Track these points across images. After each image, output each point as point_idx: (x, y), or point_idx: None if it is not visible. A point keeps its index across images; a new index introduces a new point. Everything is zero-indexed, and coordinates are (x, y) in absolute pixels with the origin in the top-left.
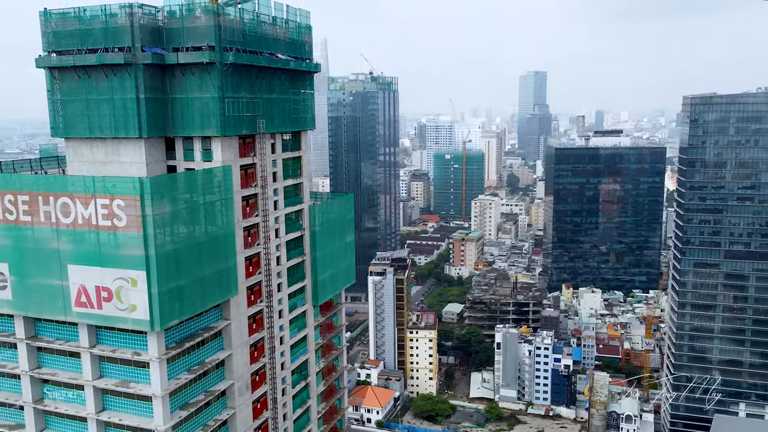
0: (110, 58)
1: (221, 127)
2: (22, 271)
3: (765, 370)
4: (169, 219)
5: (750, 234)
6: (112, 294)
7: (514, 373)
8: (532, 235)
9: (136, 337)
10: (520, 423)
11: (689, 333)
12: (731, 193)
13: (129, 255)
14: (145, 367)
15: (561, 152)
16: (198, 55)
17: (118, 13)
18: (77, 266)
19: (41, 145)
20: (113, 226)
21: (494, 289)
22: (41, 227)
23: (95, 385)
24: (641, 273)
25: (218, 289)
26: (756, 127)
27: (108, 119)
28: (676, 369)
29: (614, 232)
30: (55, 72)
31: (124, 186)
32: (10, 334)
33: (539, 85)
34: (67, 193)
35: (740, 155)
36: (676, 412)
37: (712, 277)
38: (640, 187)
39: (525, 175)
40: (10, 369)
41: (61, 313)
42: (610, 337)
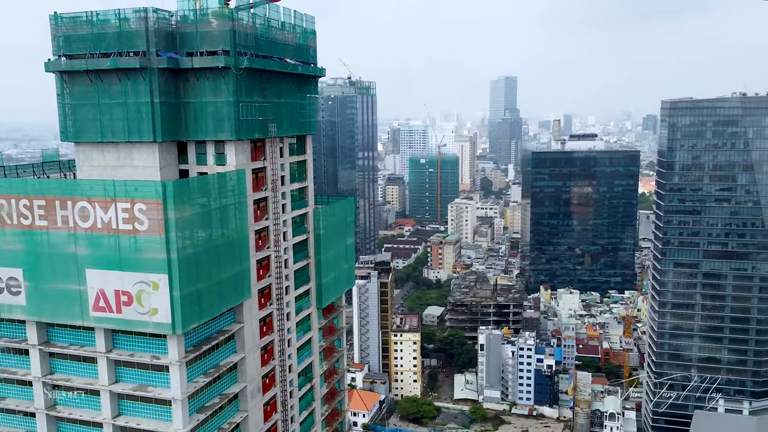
0: (125, 62)
1: (236, 131)
2: (37, 276)
3: (742, 366)
4: (189, 222)
5: (727, 234)
6: (132, 298)
7: (498, 373)
8: (508, 237)
9: (153, 340)
10: (505, 423)
11: (669, 332)
12: (709, 195)
13: (150, 258)
14: (163, 371)
15: (538, 156)
16: (213, 59)
17: (132, 17)
18: (96, 270)
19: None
20: (134, 230)
21: (474, 291)
22: (58, 232)
23: (112, 389)
24: (616, 274)
25: (234, 292)
26: (732, 130)
27: (121, 123)
28: (658, 367)
29: (590, 234)
30: (65, 76)
31: (146, 190)
32: (22, 340)
33: (510, 90)
34: (86, 197)
35: (717, 158)
36: (658, 409)
37: (692, 276)
38: (614, 189)
39: (497, 178)
40: (22, 375)
41: (78, 318)
42: (590, 337)
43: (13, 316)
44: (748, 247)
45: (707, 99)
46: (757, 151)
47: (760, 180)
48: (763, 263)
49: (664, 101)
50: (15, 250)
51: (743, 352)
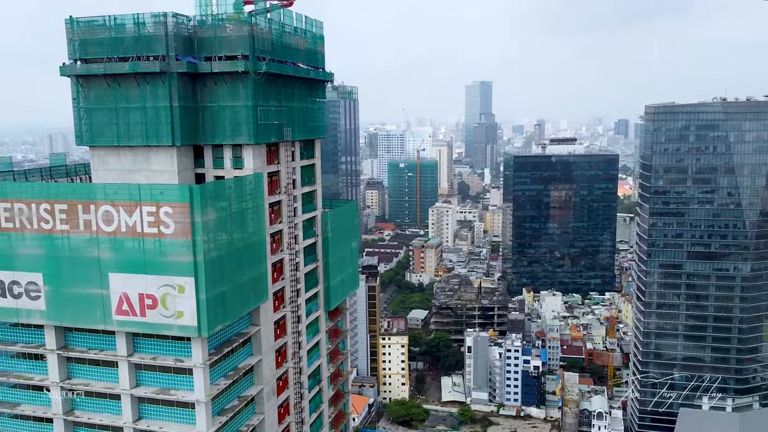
0: (145, 66)
1: (254, 135)
2: (57, 280)
3: (725, 364)
4: (214, 225)
5: (710, 236)
6: (157, 301)
7: (485, 375)
8: (488, 241)
9: (175, 343)
10: (493, 424)
11: (655, 332)
12: (692, 197)
13: (176, 262)
14: (186, 374)
15: (519, 160)
16: (233, 64)
17: (151, 21)
18: (119, 274)
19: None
20: (160, 233)
21: (459, 294)
22: (80, 236)
23: (133, 393)
24: (596, 276)
25: (253, 295)
26: (714, 134)
27: (139, 127)
28: (643, 366)
29: (570, 236)
30: (81, 80)
31: (173, 193)
32: (39, 345)
33: (485, 95)
34: (109, 201)
35: (700, 161)
36: (644, 408)
37: (675, 277)
38: (594, 193)
39: (474, 182)
40: (39, 381)
41: (100, 322)
42: (573, 338)
43: (32, 321)
44: (730, 248)
45: (690, 104)
46: (738, 155)
47: (740, 183)
48: (744, 263)
49: (648, 106)
50: (34, 254)
51: (726, 351)
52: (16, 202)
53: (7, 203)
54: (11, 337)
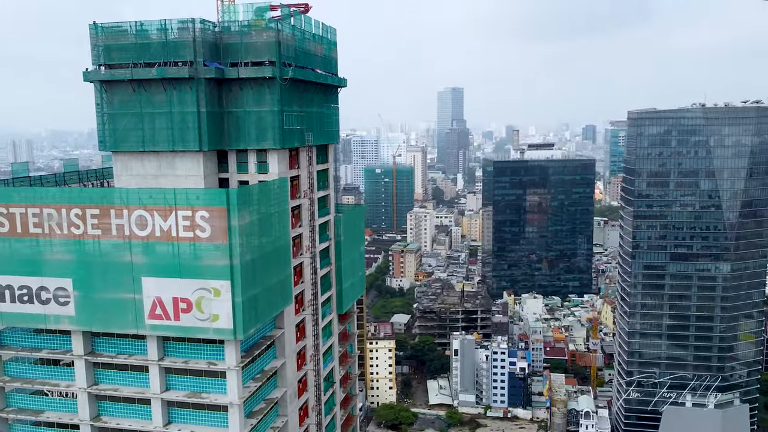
0: (173, 72)
1: (280, 139)
2: (88, 285)
3: (707, 362)
4: (248, 229)
5: (692, 237)
6: (191, 305)
7: (472, 378)
8: (466, 245)
9: (207, 347)
10: (481, 426)
11: (639, 332)
12: (674, 200)
13: (212, 265)
14: (217, 377)
15: (499, 165)
16: (260, 70)
17: (178, 27)
18: (153, 278)
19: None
20: (195, 237)
21: (442, 298)
22: (113, 241)
23: (164, 397)
24: (575, 278)
25: (280, 298)
26: (695, 139)
27: (165, 132)
28: (628, 366)
29: (549, 240)
30: (105, 85)
31: (210, 197)
32: (65, 351)
33: (456, 101)
34: (143, 205)
35: (682, 165)
36: (630, 406)
37: (659, 278)
38: (571, 197)
39: (448, 188)
40: (65, 387)
41: (132, 327)
42: (556, 339)
43: (60, 327)
44: (711, 249)
45: (671, 110)
46: (718, 159)
47: (720, 185)
48: (724, 264)
49: (630, 112)
50: (64, 260)
51: (708, 349)
52: (45, 207)
53: (36, 208)
54: (31, 343)
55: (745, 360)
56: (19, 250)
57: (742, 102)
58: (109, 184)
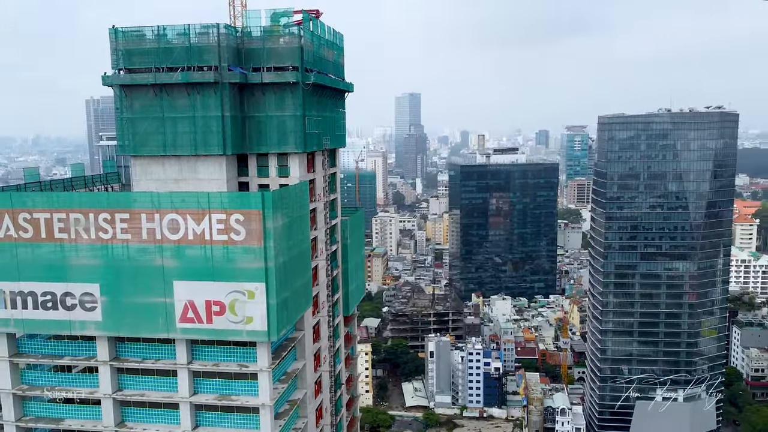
0: (198, 76)
1: (302, 143)
2: (116, 290)
3: (676, 357)
4: (280, 232)
5: (661, 237)
6: (225, 307)
7: (448, 379)
8: (432, 249)
9: (236, 349)
10: (458, 426)
11: (612, 329)
12: (644, 202)
13: (247, 268)
14: (246, 379)
15: (466, 169)
16: (283, 75)
17: (202, 32)
18: (185, 282)
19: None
20: (230, 240)
21: (413, 301)
22: (143, 245)
23: (193, 401)
24: (540, 280)
25: (304, 300)
26: (663, 143)
27: (187, 136)
28: (601, 363)
29: (515, 242)
30: (125, 89)
31: (245, 201)
32: (88, 357)
33: (414, 106)
34: (176, 209)
35: (651, 168)
36: (603, 402)
37: (630, 277)
38: (536, 200)
39: (408, 192)
40: (88, 394)
41: (163, 331)
42: (526, 339)
43: (86, 333)
44: (679, 248)
45: (641, 115)
46: (685, 162)
47: (687, 188)
48: (691, 263)
49: (601, 117)
50: (91, 265)
51: (676, 345)
52: (72, 212)
53: (62, 213)
54: (49, 350)
55: (709, 355)
56: (43, 255)
57: (705, 107)
58: (113, 189)
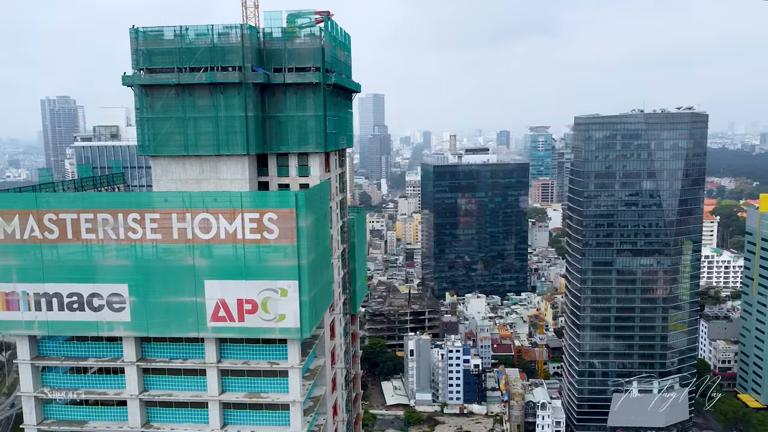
0: (222, 77)
1: (322, 143)
2: (145, 291)
3: (651, 350)
4: (311, 230)
5: (636, 234)
6: (257, 306)
7: (428, 377)
8: (402, 249)
9: (262, 347)
10: (439, 423)
11: (590, 324)
12: (620, 200)
13: (280, 266)
14: (275, 376)
15: (438, 169)
16: (304, 75)
17: (226, 32)
18: (216, 281)
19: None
20: (263, 239)
21: (389, 301)
22: (173, 245)
23: (222, 400)
24: (511, 278)
25: (327, 298)
26: (637, 143)
27: (210, 136)
28: (580, 358)
29: (487, 241)
30: (146, 90)
31: (278, 200)
32: (114, 358)
33: (378, 107)
34: (207, 209)
35: (626, 167)
36: (582, 396)
37: (607, 273)
38: (507, 199)
39: (375, 193)
40: (114, 395)
41: (193, 330)
42: (502, 336)
43: (114, 334)
44: (653, 244)
45: (616, 115)
46: (658, 161)
47: (660, 186)
48: (665, 259)
49: (577, 117)
50: (119, 265)
51: (651, 338)
52: (100, 213)
53: (89, 214)
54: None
55: (680, 348)
56: (69, 256)
57: (676, 108)
58: (119, 189)
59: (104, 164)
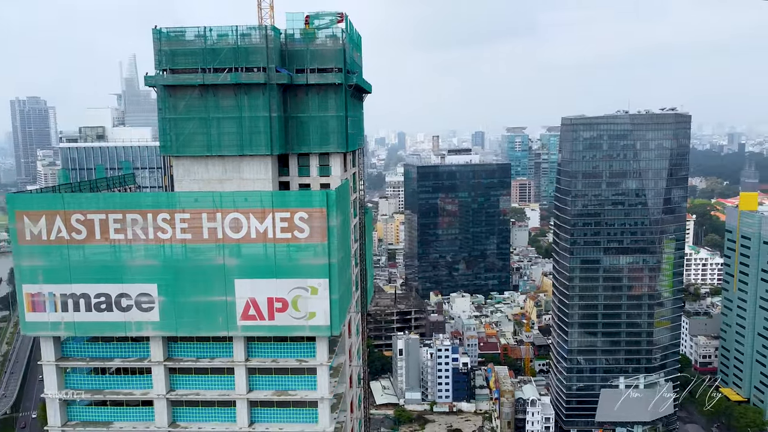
0: (247, 77)
1: (344, 143)
2: (175, 290)
3: (637, 346)
4: (339, 229)
5: (622, 233)
6: (287, 304)
7: (417, 375)
8: (385, 249)
9: (290, 345)
10: (429, 422)
11: (578, 322)
12: (607, 199)
13: (310, 265)
14: (303, 374)
15: (422, 170)
16: (326, 76)
17: (251, 34)
18: (247, 280)
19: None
20: (294, 238)
21: (375, 300)
22: (203, 244)
23: (251, 398)
24: (494, 277)
25: (349, 296)
26: (623, 143)
27: (233, 137)
28: (569, 354)
29: (470, 241)
30: (169, 90)
31: (309, 199)
32: (140, 359)
33: None
34: (238, 208)
35: (612, 167)
36: (570, 392)
37: (594, 271)
38: (490, 199)
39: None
40: (140, 395)
41: (223, 329)
42: (488, 335)
43: (143, 334)
44: (639, 243)
45: (603, 116)
46: (644, 161)
47: (646, 185)
48: (650, 256)
49: (564, 118)
50: (148, 265)
51: (637, 335)
52: (129, 213)
53: (118, 214)
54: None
55: (664, 344)
56: (97, 257)
57: (660, 109)
58: (130, 190)
59: (91, 165)
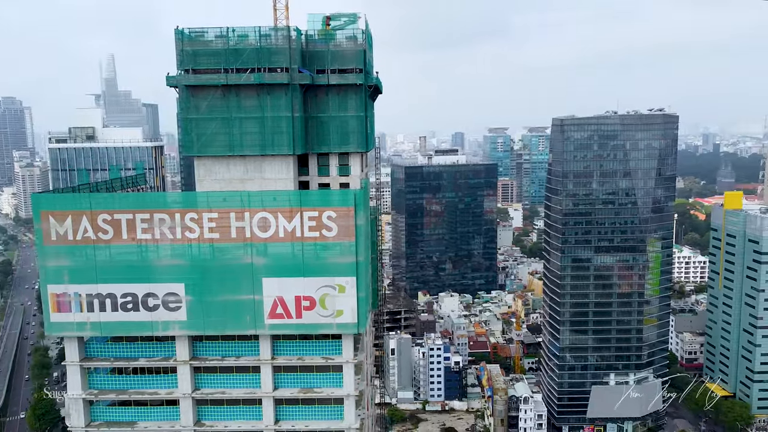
0: (270, 77)
1: (363, 143)
2: (202, 289)
3: (627, 344)
4: (365, 228)
5: (613, 232)
6: (315, 302)
7: (410, 375)
8: None
9: (315, 343)
10: (422, 421)
11: (570, 320)
12: (597, 198)
13: (338, 263)
14: (328, 371)
15: (410, 170)
16: (347, 76)
17: (274, 34)
18: (275, 279)
19: None
20: (321, 236)
21: None
22: (231, 243)
23: (276, 396)
24: (481, 276)
25: (368, 293)
26: (613, 143)
27: (255, 137)
28: (560, 352)
29: (458, 240)
30: (191, 90)
31: (337, 198)
32: (164, 358)
33: None
34: (266, 208)
35: (603, 167)
36: (562, 389)
37: (585, 269)
38: (477, 199)
39: None
40: (165, 395)
41: (251, 327)
42: (478, 334)
43: (169, 333)
44: (629, 241)
45: (593, 116)
46: (633, 161)
47: (636, 184)
48: (640, 255)
49: (555, 118)
50: (175, 265)
51: (627, 332)
52: (156, 213)
53: (146, 214)
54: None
55: (652, 341)
56: (123, 257)
57: (648, 110)
58: (141, 190)
59: (81, 166)
